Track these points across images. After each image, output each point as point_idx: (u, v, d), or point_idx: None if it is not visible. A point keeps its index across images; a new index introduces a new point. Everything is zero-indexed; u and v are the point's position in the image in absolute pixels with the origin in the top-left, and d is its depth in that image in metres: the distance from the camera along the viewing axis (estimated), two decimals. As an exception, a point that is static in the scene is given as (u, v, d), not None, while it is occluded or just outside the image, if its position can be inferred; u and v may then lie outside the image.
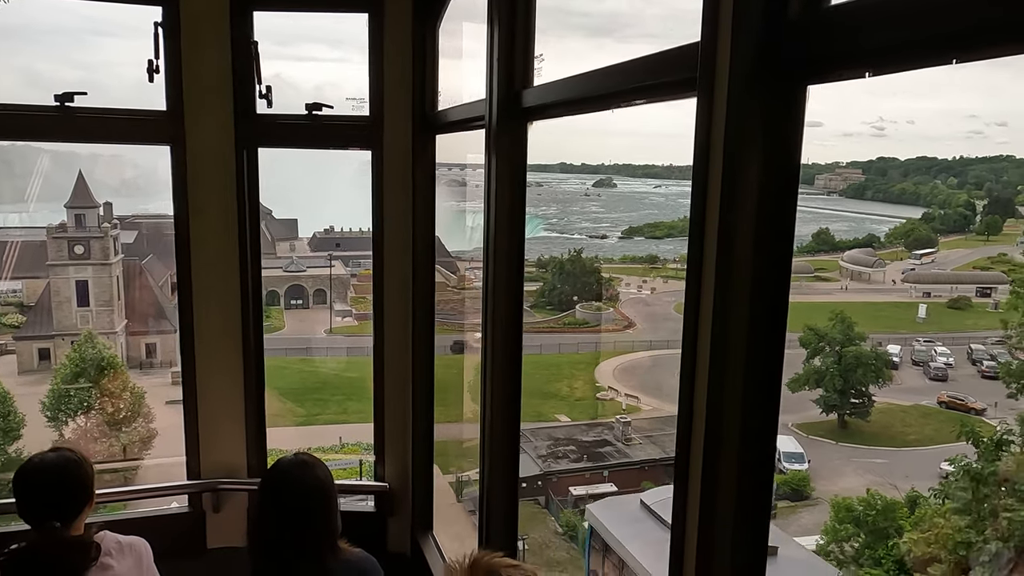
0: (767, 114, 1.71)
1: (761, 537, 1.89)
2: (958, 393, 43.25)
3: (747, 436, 1.82)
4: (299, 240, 58.03)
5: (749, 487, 1.85)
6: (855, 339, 40.24)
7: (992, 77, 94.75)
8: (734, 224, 1.81)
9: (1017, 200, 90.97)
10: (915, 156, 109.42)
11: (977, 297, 60.82)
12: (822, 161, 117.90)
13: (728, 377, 1.85)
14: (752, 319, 1.81)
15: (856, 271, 66.89)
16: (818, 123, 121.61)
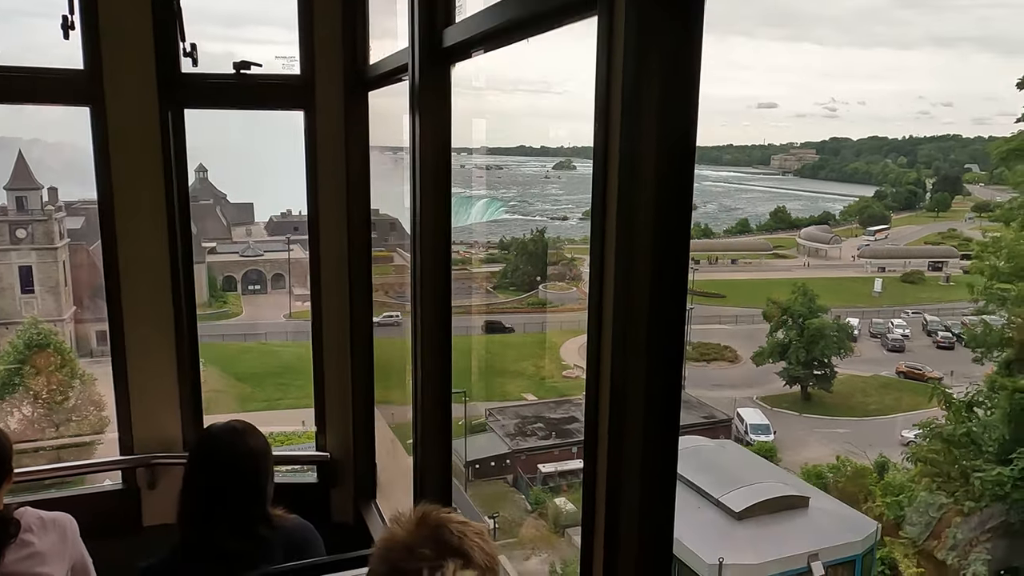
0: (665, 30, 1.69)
1: (667, 507, 1.96)
2: (915, 363, 44.36)
3: (651, 402, 1.83)
4: (255, 224, 56.92)
5: (654, 456, 1.88)
6: (817, 311, 40.76)
7: (938, 59, 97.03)
8: (637, 152, 1.75)
9: (964, 178, 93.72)
10: (867, 136, 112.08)
11: (930, 271, 62.50)
12: (777, 142, 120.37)
13: (631, 332, 1.81)
14: (654, 272, 1.76)
15: (813, 247, 67.99)
16: (772, 104, 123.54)
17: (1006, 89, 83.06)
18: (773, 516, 16.60)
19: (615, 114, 1.77)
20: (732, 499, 16.89)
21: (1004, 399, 20.09)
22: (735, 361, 45.86)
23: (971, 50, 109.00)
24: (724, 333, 49.03)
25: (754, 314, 49.33)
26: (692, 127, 1.74)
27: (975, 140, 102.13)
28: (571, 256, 58.46)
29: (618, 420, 1.87)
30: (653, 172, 1.72)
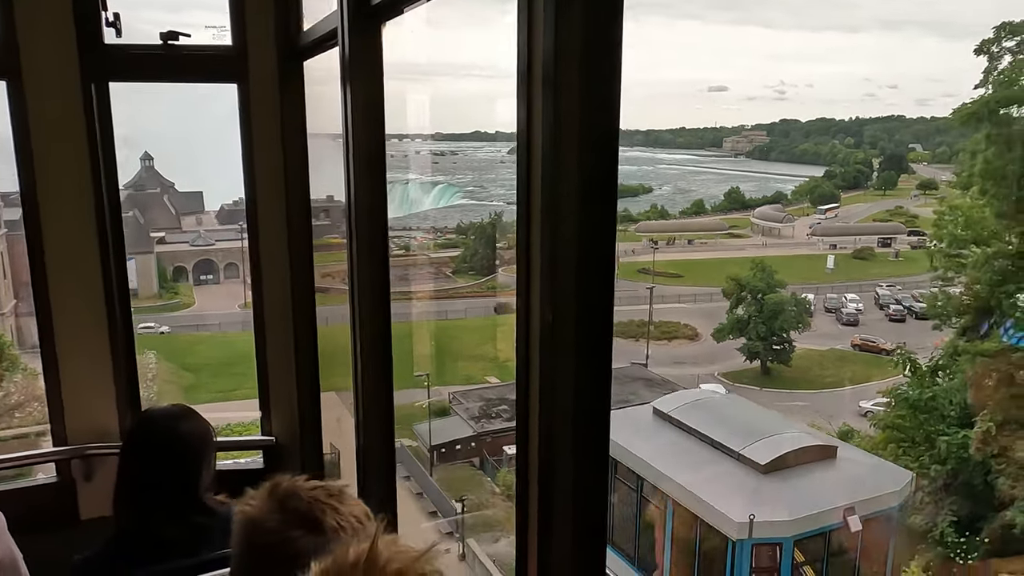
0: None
1: (600, 482, 1.95)
2: (869, 336, 45.45)
3: (581, 383, 1.83)
4: (206, 213, 55.62)
5: (585, 436, 1.87)
6: (775, 287, 41.31)
7: (883, 42, 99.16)
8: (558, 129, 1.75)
9: (909, 157, 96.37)
10: (815, 118, 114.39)
11: (879, 247, 64.09)
12: (729, 124, 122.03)
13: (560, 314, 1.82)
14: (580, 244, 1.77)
15: (767, 227, 69.04)
16: (723, 87, 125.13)
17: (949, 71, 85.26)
18: (801, 468, 15.38)
19: (537, 94, 1.76)
20: (755, 452, 15.58)
21: (966, 363, 20.50)
22: (695, 339, 46.34)
23: (917, 33, 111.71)
24: (683, 312, 49.50)
25: (712, 292, 49.90)
26: (615, 105, 1.72)
27: (918, 120, 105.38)
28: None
29: (549, 404, 1.87)
30: (576, 153, 1.71)
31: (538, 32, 1.75)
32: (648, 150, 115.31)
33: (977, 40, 22.19)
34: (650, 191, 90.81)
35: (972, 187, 22.12)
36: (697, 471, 15.62)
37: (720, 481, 15.39)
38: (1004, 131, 20.66)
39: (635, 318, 48.23)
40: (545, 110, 1.77)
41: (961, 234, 22.28)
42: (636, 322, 47.56)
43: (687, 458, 16.20)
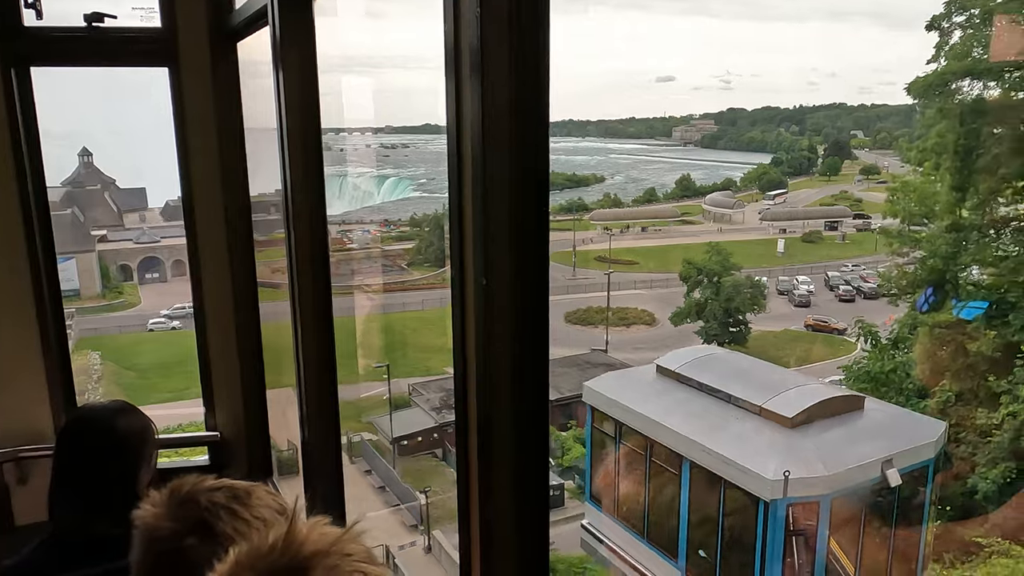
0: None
1: (541, 450, 1.96)
2: (821, 316, 46.50)
3: (518, 370, 1.88)
4: (149, 210, 54.05)
5: (524, 396, 1.91)
6: (731, 269, 41.83)
7: (825, 32, 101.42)
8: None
9: (851, 143, 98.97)
10: (761, 106, 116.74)
11: (827, 231, 65.66)
12: (678, 114, 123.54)
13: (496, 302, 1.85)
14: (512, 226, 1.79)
15: (718, 213, 70.04)
16: (671, 77, 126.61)
17: (888, 59, 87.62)
18: (830, 421, 14.05)
19: (466, 82, 1.77)
20: (780, 405, 14.19)
21: (925, 334, 20.91)
22: (653, 324, 46.67)
23: (863, 23, 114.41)
24: (640, 298, 49.89)
25: (667, 278, 50.40)
26: (544, 91, 1.74)
27: (859, 108, 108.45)
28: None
29: (487, 395, 1.89)
30: (507, 140, 1.72)
31: (465, 19, 1.74)
32: (600, 140, 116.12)
33: (918, 29, 22.62)
34: (603, 180, 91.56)
35: (926, 162, 22.57)
36: (717, 430, 14.35)
37: (745, 439, 13.97)
38: (956, 104, 21.11)
39: (593, 305, 48.42)
40: (474, 95, 1.76)
41: (915, 209, 22.72)
42: (594, 309, 47.76)
43: (703, 416, 14.79)
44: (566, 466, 29.05)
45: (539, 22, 1.71)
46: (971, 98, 21.04)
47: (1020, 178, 20.58)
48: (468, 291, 1.93)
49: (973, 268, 21.63)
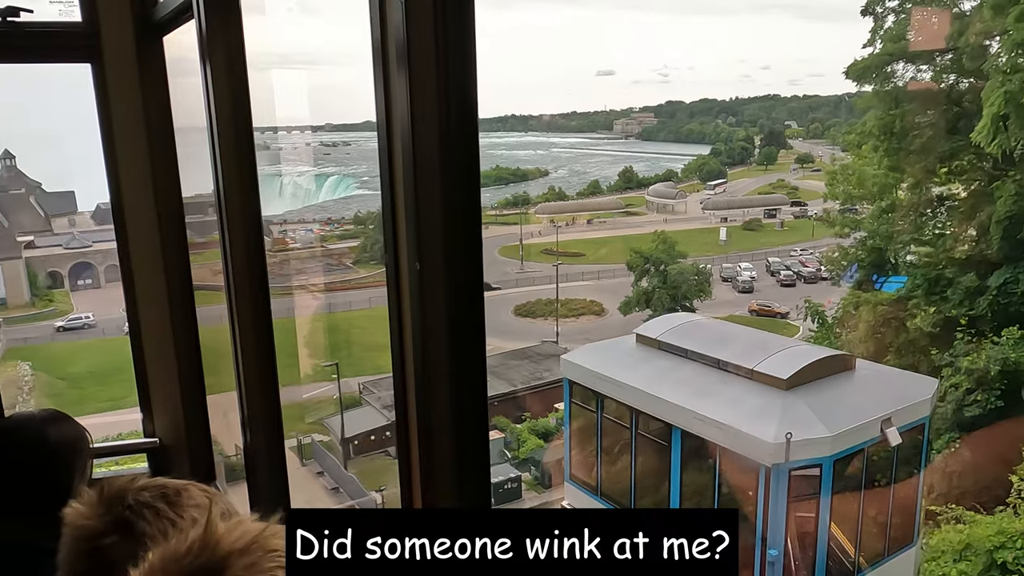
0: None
1: (480, 431, 2.00)
2: (765, 301, 47.56)
3: (457, 361, 1.93)
4: (79, 214, 51.99)
5: (461, 372, 1.96)
6: (677, 257, 42.34)
7: (755, 26, 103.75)
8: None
9: (786, 133, 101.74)
10: (698, 99, 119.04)
11: (766, 218, 67.28)
12: (618, 107, 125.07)
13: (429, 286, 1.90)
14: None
15: (661, 203, 70.94)
16: (610, 71, 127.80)
17: (815, 52, 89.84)
18: (823, 381, 13.47)
19: (394, 75, 1.80)
20: (773, 367, 13.59)
21: (868, 312, 21.44)
22: (602, 314, 46.96)
23: (784, 16, 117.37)
24: (588, 289, 50.18)
25: (614, 269, 50.74)
26: (472, 82, 1.77)
27: (792, 99, 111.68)
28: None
29: (424, 378, 1.94)
30: (436, 131, 1.75)
31: (391, 12, 1.76)
32: (543, 135, 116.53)
33: (838, 22, 23.05)
34: (547, 174, 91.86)
35: (864, 145, 23.11)
36: (707, 395, 13.74)
37: (739, 403, 13.24)
38: (891, 86, 21.69)
39: (542, 297, 48.51)
40: (402, 87, 1.79)
41: (854, 192, 23.26)
42: (543, 301, 47.84)
43: (691, 383, 14.10)
44: (522, 458, 28.96)
45: (464, 13, 1.73)
46: (904, 81, 21.66)
47: (952, 158, 21.28)
48: (403, 277, 1.95)
49: (911, 247, 22.30)
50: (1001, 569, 13.85)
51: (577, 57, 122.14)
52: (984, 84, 19.41)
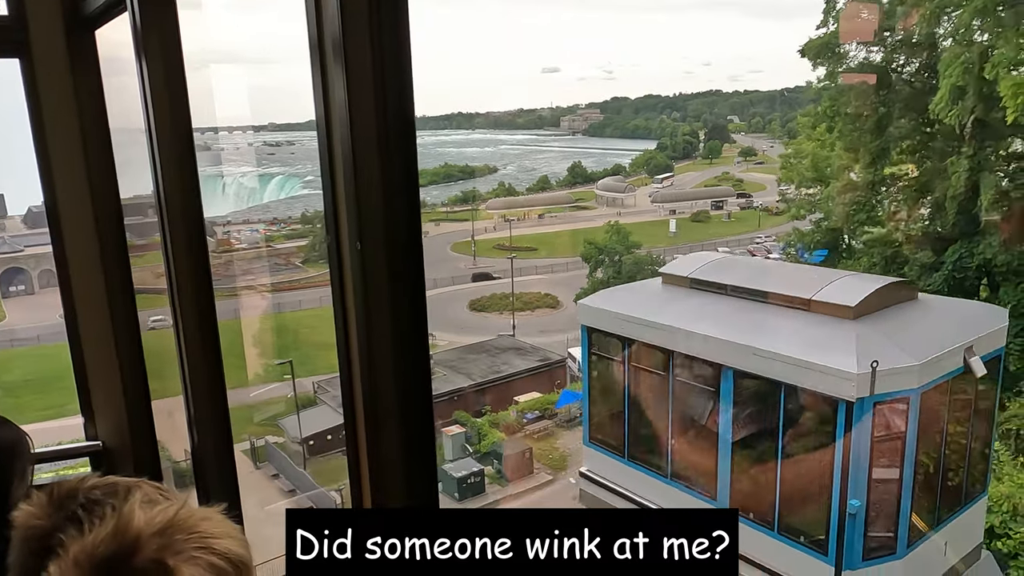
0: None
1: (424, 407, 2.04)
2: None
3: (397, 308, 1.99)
4: (9, 218, 49.83)
5: (406, 350, 2.00)
6: (632, 247, 42.52)
7: (698, 22, 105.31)
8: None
9: (729, 127, 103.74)
10: (643, 95, 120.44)
11: (713, 210, 68.42)
12: (564, 104, 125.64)
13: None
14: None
15: (611, 197, 71.49)
16: (555, 69, 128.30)
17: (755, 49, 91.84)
18: (891, 310, 12.03)
19: (331, 72, 1.84)
20: (833, 296, 12.10)
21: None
22: (556, 307, 46.94)
23: (729, 13, 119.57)
24: (542, 283, 50.26)
25: (568, 262, 50.78)
26: (407, 76, 1.82)
27: (734, 94, 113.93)
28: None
29: (369, 364, 1.99)
30: (374, 126, 1.81)
31: (326, 10, 1.80)
32: (490, 132, 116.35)
33: (779, 18, 23.34)
34: (495, 171, 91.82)
35: (819, 126, 23.38)
36: (761, 330, 11.97)
37: (801, 336, 11.65)
38: (844, 67, 21.97)
39: (496, 292, 48.31)
40: (339, 84, 1.83)
41: (808, 174, 23.53)
42: (498, 295, 47.65)
43: (738, 319, 12.28)
44: (484, 452, 28.58)
45: (398, 7, 1.76)
46: (856, 63, 21.99)
47: (904, 138, 21.67)
48: (344, 259, 1.98)
49: (866, 228, 22.65)
50: (988, 533, 13.31)
51: (522, 54, 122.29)
52: (934, 62, 19.89)
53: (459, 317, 44.94)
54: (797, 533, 11.43)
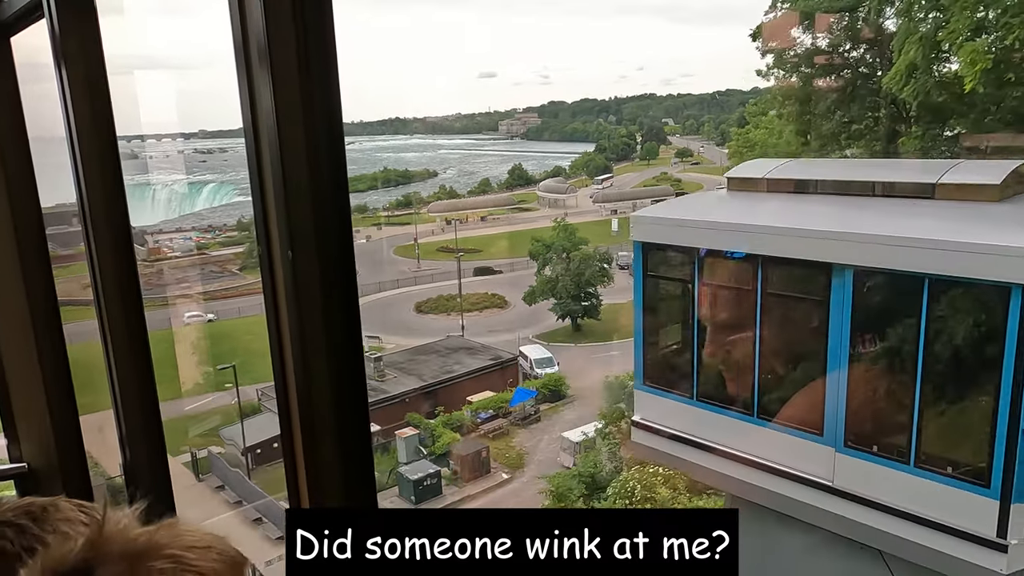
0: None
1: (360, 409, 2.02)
2: (665, 285, 48.58)
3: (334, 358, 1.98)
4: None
5: (341, 356, 2.00)
6: (579, 244, 42.52)
7: (627, 27, 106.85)
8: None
9: (665, 129, 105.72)
10: (579, 99, 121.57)
11: (654, 210, 69.38)
12: (501, 108, 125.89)
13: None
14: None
15: (552, 198, 72.10)
16: (492, 74, 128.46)
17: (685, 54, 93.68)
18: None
19: (257, 78, 1.83)
20: (964, 176, 9.78)
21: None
22: (504, 307, 46.72)
23: (654, 19, 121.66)
24: (488, 283, 49.98)
25: (513, 263, 50.93)
26: (334, 81, 1.81)
27: (667, 97, 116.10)
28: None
29: (305, 384, 2.01)
30: (303, 130, 1.81)
31: (250, 14, 1.78)
32: (428, 137, 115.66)
33: (704, 24, 23.47)
34: (435, 175, 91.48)
35: (770, 111, 23.55)
36: (887, 220, 9.66)
37: (940, 220, 9.39)
38: (792, 53, 22.16)
39: (443, 293, 47.94)
40: (265, 89, 1.82)
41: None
42: (444, 297, 47.20)
43: (846, 215, 9.93)
44: (439, 453, 27.88)
45: (323, 11, 1.76)
46: (802, 50, 22.21)
47: (857, 121, 21.96)
48: (276, 268, 1.97)
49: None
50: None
51: (458, 60, 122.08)
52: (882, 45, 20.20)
53: (406, 319, 44.25)
54: (944, 464, 9.07)
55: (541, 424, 31.25)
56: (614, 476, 23.23)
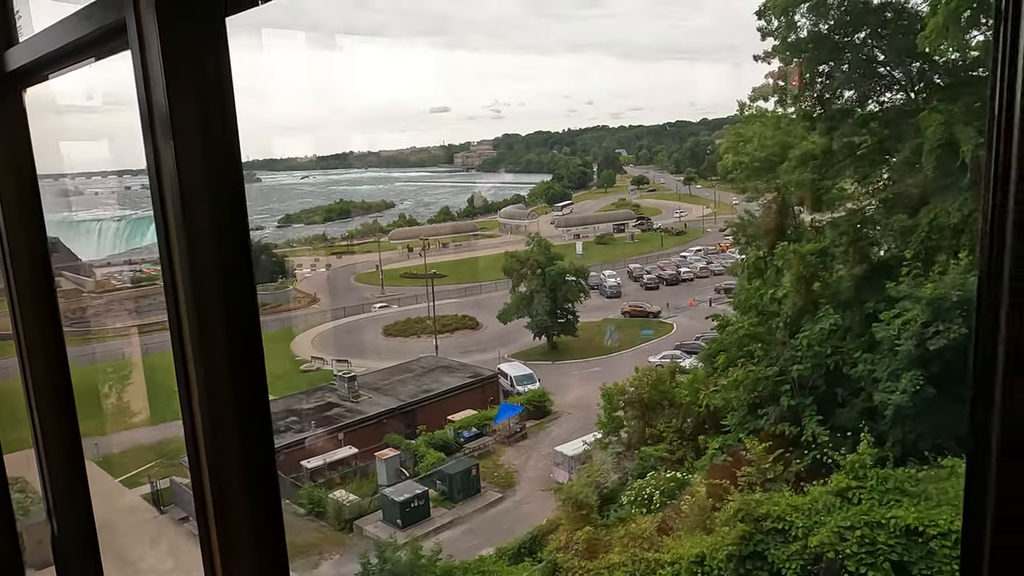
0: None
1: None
2: (636, 302, 48.26)
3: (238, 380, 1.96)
4: None
5: (244, 390, 1.97)
6: (554, 258, 41.43)
7: (574, 64, 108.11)
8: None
9: (620, 159, 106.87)
10: (533, 131, 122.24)
11: (616, 233, 69.65)
12: (456, 142, 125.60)
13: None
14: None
15: (514, 225, 71.75)
16: (444, 108, 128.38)
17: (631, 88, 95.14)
18: None
19: (161, 133, 1.84)
20: None
21: (797, 264, 20.89)
22: (476, 327, 45.32)
23: (600, 56, 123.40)
24: (457, 306, 48.92)
25: (480, 285, 50.35)
26: (234, 137, 1.85)
27: (619, 129, 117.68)
28: (281, 256, 56.13)
29: (209, 403, 1.95)
30: (205, 179, 1.83)
31: (153, 80, 1.82)
32: (383, 170, 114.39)
33: (648, 60, 22.96)
34: (393, 206, 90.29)
35: (771, 96, 22.90)
36: None
37: None
38: (793, 37, 21.51)
39: (411, 316, 46.60)
40: (168, 151, 1.83)
41: (758, 154, 22.95)
42: (413, 320, 45.72)
43: None
44: (424, 474, 25.93)
45: (223, 85, 1.79)
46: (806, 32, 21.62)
47: (862, 105, 21.44)
48: (183, 314, 1.97)
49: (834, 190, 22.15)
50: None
51: (411, 95, 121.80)
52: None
53: (374, 342, 42.47)
54: None
55: (528, 441, 29.62)
56: (619, 487, 21.78)
